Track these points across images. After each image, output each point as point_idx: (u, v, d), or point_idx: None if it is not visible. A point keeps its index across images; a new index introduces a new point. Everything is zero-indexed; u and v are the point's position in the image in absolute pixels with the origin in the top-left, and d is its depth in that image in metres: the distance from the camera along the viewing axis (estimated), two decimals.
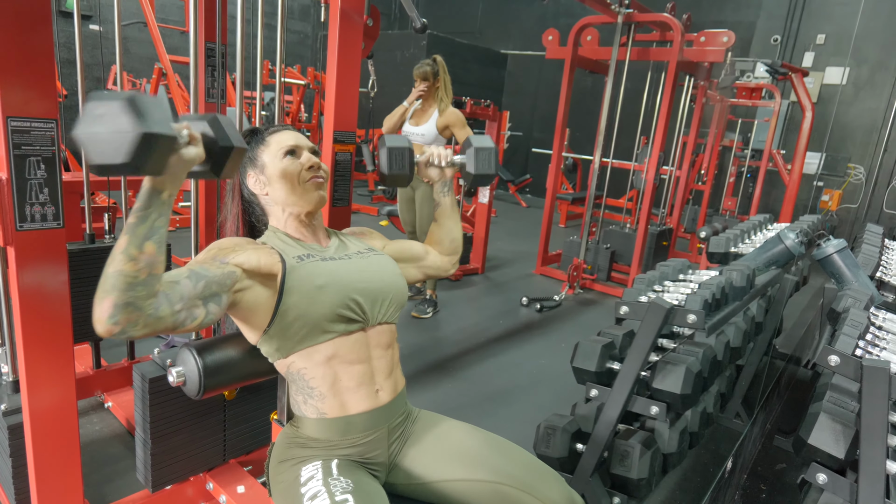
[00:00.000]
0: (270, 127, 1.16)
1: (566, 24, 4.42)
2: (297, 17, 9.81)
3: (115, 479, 1.71)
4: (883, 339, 1.38)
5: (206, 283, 0.91)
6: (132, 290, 0.77)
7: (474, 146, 1.24)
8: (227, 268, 0.95)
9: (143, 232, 0.79)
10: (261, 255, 1.01)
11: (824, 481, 1.22)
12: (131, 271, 0.77)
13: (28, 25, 1.07)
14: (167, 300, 0.83)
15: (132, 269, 0.77)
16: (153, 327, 0.81)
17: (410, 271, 1.28)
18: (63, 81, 6.18)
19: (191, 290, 0.88)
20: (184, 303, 0.86)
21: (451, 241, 1.32)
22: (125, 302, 0.77)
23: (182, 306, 0.86)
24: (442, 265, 1.32)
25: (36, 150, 1.12)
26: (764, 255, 2.19)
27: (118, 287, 0.76)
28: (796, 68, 5.04)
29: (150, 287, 0.80)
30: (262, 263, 1.00)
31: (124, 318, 0.77)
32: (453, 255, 1.33)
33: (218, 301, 0.92)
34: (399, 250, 1.27)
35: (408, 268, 1.27)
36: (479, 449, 1.09)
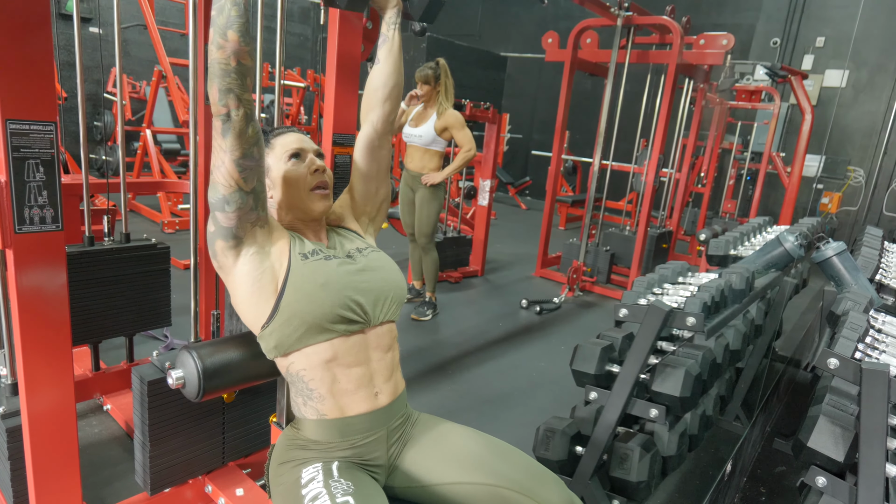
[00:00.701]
0: (275, 129, 1.16)
1: (566, 27, 4.42)
2: (296, 20, 9.82)
3: (113, 482, 1.71)
4: (882, 342, 1.38)
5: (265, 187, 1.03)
6: (228, 76, 0.91)
7: None
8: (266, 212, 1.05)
9: (223, 21, 0.89)
10: (281, 231, 1.08)
11: (823, 484, 1.22)
12: (222, 58, 0.90)
13: (27, 28, 1.07)
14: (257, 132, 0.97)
15: (223, 57, 0.90)
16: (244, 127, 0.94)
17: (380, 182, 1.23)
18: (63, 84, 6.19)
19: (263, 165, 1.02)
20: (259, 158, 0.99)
21: (396, 82, 1.19)
22: (226, 87, 0.91)
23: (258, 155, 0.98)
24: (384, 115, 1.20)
25: (35, 152, 1.12)
26: (763, 257, 2.19)
27: (217, 74, 0.91)
28: (796, 71, 5.05)
29: (243, 78, 0.92)
30: (280, 238, 1.06)
31: (232, 101, 0.92)
32: (392, 99, 1.20)
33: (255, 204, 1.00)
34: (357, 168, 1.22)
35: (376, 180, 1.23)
36: (478, 452, 1.09)
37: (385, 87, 1.20)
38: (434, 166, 3.28)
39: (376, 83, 1.20)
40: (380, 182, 1.25)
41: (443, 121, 3.15)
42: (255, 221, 1.01)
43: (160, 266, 1.98)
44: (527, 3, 9.09)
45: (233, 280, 1.03)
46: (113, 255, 1.84)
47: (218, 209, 0.98)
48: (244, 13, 0.91)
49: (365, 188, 1.24)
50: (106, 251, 1.83)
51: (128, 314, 1.94)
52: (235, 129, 0.93)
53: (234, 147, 0.95)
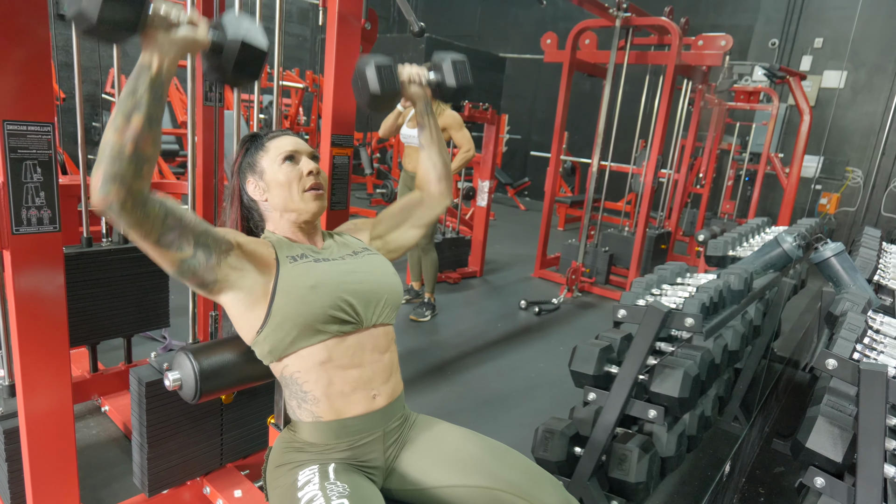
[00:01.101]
0: (270, 132, 1.16)
1: (564, 28, 4.43)
2: (295, 21, 9.82)
3: (111, 484, 1.71)
4: (880, 342, 1.38)
5: (205, 230, 0.95)
6: (118, 162, 0.80)
7: (449, 59, 1.22)
8: (227, 236, 1.00)
9: (131, 105, 0.81)
10: (258, 243, 1.05)
11: (822, 485, 1.22)
12: (118, 142, 0.80)
13: (24, 29, 1.07)
14: (161, 205, 0.87)
15: (118, 140, 0.80)
16: (139, 218, 0.84)
17: (410, 233, 1.29)
18: (61, 84, 6.19)
19: (190, 221, 0.92)
20: (178, 225, 0.90)
21: (443, 165, 1.29)
22: (112, 174, 0.79)
23: (174, 224, 0.89)
24: (437, 198, 1.30)
25: (32, 153, 1.12)
26: (762, 258, 2.19)
27: (105, 157, 0.80)
28: (794, 72, 5.06)
29: (138, 167, 0.81)
30: (258, 251, 1.03)
31: (113, 192, 0.80)
32: (443, 183, 1.30)
33: (207, 254, 0.95)
34: (395, 212, 1.28)
35: (407, 230, 1.28)
36: (476, 454, 1.08)
37: (436, 168, 1.29)
38: None
39: (426, 166, 1.29)
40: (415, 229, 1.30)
41: (441, 121, 3.15)
42: (218, 262, 0.97)
43: (158, 267, 1.97)
44: (525, 4, 9.10)
45: (224, 304, 1.04)
46: (111, 256, 1.84)
47: (178, 278, 0.97)
48: (160, 103, 0.83)
49: (397, 228, 1.28)
50: (104, 252, 1.83)
51: (126, 315, 1.94)
52: (132, 220, 0.84)
53: (144, 235, 0.87)
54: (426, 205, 1.30)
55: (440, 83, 1.23)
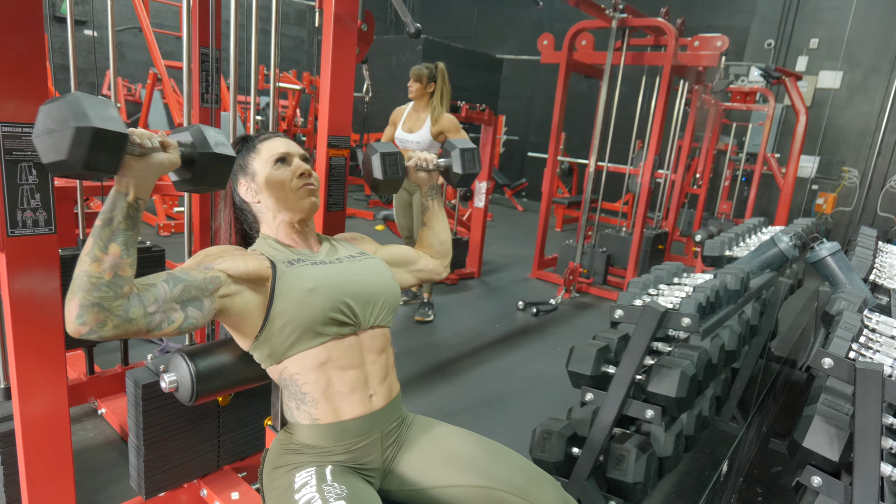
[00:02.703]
0: (261, 134, 1.16)
1: (561, 29, 4.43)
2: (292, 22, 9.82)
3: (108, 486, 1.70)
4: (876, 341, 1.38)
5: (184, 287, 0.91)
6: (97, 290, 0.79)
7: (458, 148, 1.29)
8: (210, 273, 0.96)
9: (108, 234, 0.81)
10: (249, 260, 1.01)
11: (819, 484, 1.22)
12: (95, 272, 0.79)
13: (19, 31, 1.07)
14: (139, 302, 0.84)
15: (96, 271, 0.79)
16: (124, 329, 0.82)
17: (404, 276, 1.29)
18: (57, 87, 6.17)
19: (167, 294, 0.89)
20: (158, 305, 0.87)
21: (441, 243, 1.35)
22: (91, 302, 0.78)
23: (156, 308, 0.87)
24: (434, 268, 1.34)
25: (27, 155, 1.12)
26: (758, 258, 2.20)
27: (83, 288, 0.78)
28: (790, 72, 5.07)
29: (117, 288, 0.81)
30: (250, 269, 1.00)
31: (91, 318, 0.78)
32: (444, 258, 1.36)
33: (199, 306, 0.93)
34: (391, 255, 1.28)
35: (400, 272, 1.28)
36: (474, 454, 1.08)
37: (441, 245, 1.35)
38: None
39: (430, 241, 1.35)
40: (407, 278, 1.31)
41: (438, 126, 3.14)
42: (212, 302, 0.95)
43: (155, 269, 1.97)
44: (522, 5, 9.12)
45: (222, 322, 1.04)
46: None
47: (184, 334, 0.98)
48: (136, 225, 0.84)
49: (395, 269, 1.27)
50: None
51: None
52: (117, 333, 0.82)
53: (133, 334, 0.85)
54: (424, 269, 1.33)
55: (448, 169, 1.31)
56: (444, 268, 1.36)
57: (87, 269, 0.79)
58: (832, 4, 6.40)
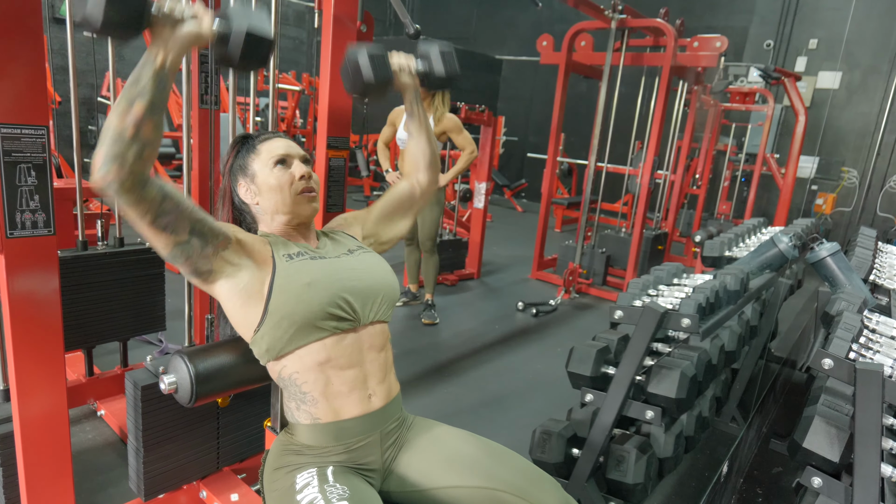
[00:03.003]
0: (262, 134, 1.15)
1: (560, 30, 4.44)
2: (291, 23, 9.82)
3: (107, 488, 1.70)
4: (876, 342, 1.38)
5: (202, 218, 0.95)
6: (119, 143, 0.82)
7: (437, 48, 1.22)
8: (225, 229, 1.01)
9: (133, 93, 0.83)
10: (254, 240, 1.05)
11: (819, 485, 1.22)
12: (119, 125, 0.82)
13: (18, 32, 1.07)
14: (160, 188, 0.88)
15: (119, 124, 0.82)
16: (138, 196, 0.86)
17: (402, 224, 1.30)
18: (57, 88, 6.16)
19: (187, 208, 0.93)
20: (175, 209, 0.91)
21: (431, 153, 1.29)
22: (113, 154, 0.82)
23: (171, 208, 0.90)
24: (424, 184, 1.30)
25: (26, 156, 1.12)
26: (758, 258, 2.20)
27: (107, 138, 0.82)
28: (789, 73, 5.07)
29: (138, 148, 0.83)
30: (255, 247, 1.03)
31: (113, 171, 0.82)
32: (433, 170, 1.31)
33: (203, 242, 0.96)
34: (387, 204, 1.28)
35: (399, 221, 1.29)
36: (474, 455, 1.08)
37: (425, 157, 1.29)
38: None
39: (416, 152, 1.29)
40: (406, 220, 1.31)
41: (441, 126, 3.14)
42: (213, 252, 0.98)
43: (154, 270, 1.97)
44: (521, 6, 9.12)
45: (219, 296, 1.04)
46: (107, 260, 1.83)
47: (171, 262, 0.98)
48: (164, 91, 0.85)
49: (387, 221, 1.28)
50: (99, 256, 1.82)
51: (122, 319, 1.93)
52: (130, 199, 0.86)
53: (141, 214, 0.88)
54: (415, 193, 1.30)
55: (428, 73, 1.23)
56: (435, 182, 1.32)
57: (113, 121, 0.83)
58: (831, 5, 6.41)
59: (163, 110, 0.86)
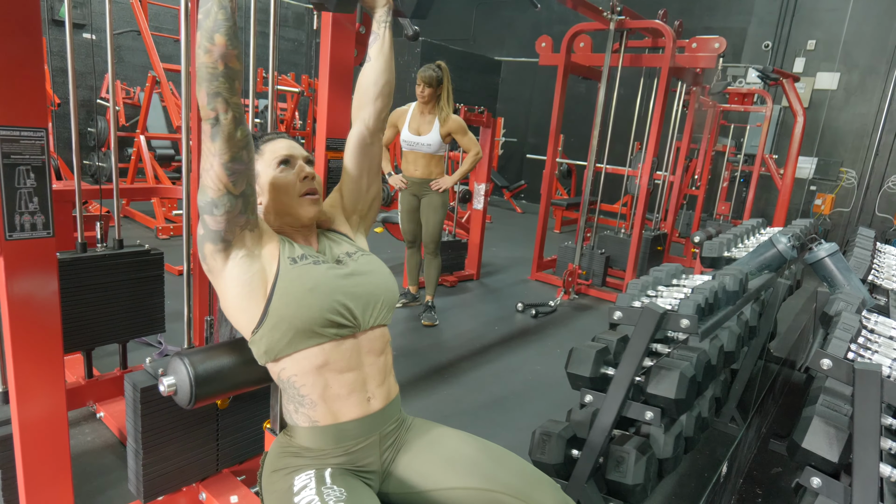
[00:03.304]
0: (265, 135, 1.15)
1: (559, 31, 4.44)
2: (291, 25, 9.83)
3: (106, 490, 1.70)
4: (875, 342, 1.38)
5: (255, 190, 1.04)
6: (215, 80, 0.91)
7: None
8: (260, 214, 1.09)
9: (210, 24, 0.89)
10: (272, 235, 1.08)
11: (819, 485, 1.22)
12: (209, 62, 0.90)
13: (16, 34, 1.07)
14: (247, 134, 0.98)
15: (210, 60, 0.90)
16: (233, 130, 0.94)
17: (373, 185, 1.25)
18: (56, 90, 6.17)
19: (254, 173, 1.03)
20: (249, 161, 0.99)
21: (386, 83, 1.20)
22: (214, 90, 0.91)
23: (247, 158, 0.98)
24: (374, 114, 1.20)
25: (25, 158, 1.12)
26: (757, 259, 2.20)
27: (204, 78, 0.91)
28: (787, 74, 5.08)
29: (231, 81, 0.92)
30: (271, 242, 1.06)
31: (219, 105, 0.92)
32: (380, 100, 1.20)
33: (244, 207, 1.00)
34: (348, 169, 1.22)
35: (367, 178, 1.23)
36: (473, 456, 1.08)
37: (377, 84, 1.20)
38: (440, 171, 3.29)
39: (368, 81, 1.20)
40: (371, 179, 1.25)
41: (447, 127, 3.14)
42: (244, 225, 1.00)
43: (154, 272, 1.97)
44: (520, 8, 9.14)
45: (222, 283, 1.03)
46: (106, 262, 1.83)
47: (207, 212, 0.98)
48: (231, 16, 0.91)
49: (356, 186, 1.24)
50: (99, 257, 1.82)
51: (121, 321, 1.93)
52: (224, 133, 0.93)
53: (223, 150, 0.94)
54: (365, 135, 1.20)
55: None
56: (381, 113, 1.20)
57: (203, 59, 0.90)
58: (829, 6, 6.42)
59: (237, 38, 0.92)
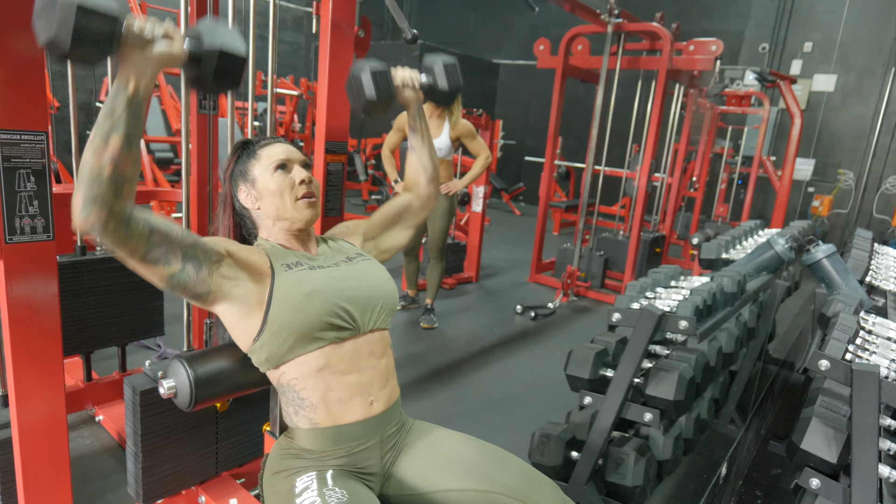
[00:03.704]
0: (262, 140, 1.15)
1: (557, 34, 4.46)
2: (289, 28, 9.85)
3: (105, 494, 1.69)
4: (872, 343, 1.39)
5: (193, 242, 0.93)
6: (97, 184, 0.78)
7: (441, 62, 1.23)
8: (217, 246, 0.99)
9: (108, 126, 0.79)
10: (250, 251, 1.04)
11: (818, 486, 1.23)
12: (95, 164, 0.78)
13: (17, 39, 1.07)
14: (146, 222, 0.85)
15: (96, 163, 0.78)
16: (122, 237, 0.83)
17: (400, 234, 1.30)
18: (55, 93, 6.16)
19: (177, 235, 0.91)
20: (164, 241, 0.88)
21: (433, 168, 1.29)
22: (92, 196, 0.78)
23: (160, 240, 0.88)
24: (425, 198, 1.30)
25: (25, 162, 1.12)
26: (754, 260, 2.21)
27: (84, 180, 0.78)
28: (784, 76, 5.10)
29: (117, 186, 0.80)
30: (251, 260, 1.02)
31: (94, 213, 0.79)
32: (433, 184, 1.30)
33: (197, 266, 0.94)
34: (383, 219, 1.29)
35: (398, 232, 1.30)
36: (473, 458, 1.08)
37: (426, 171, 1.28)
38: (448, 175, 3.27)
39: (416, 168, 1.28)
40: (406, 231, 1.31)
41: (457, 131, 3.14)
42: (209, 273, 0.96)
43: None
44: (518, 11, 9.16)
45: (219, 314, 1.04)
46: (105, 265, 1.83)
47: (170, 292, 0.96)
48: (138, 120, 0.81)
49: (388, 230, 1.29)
50: (98, 261, 1.82)
51: (120, 324, 1.93)
52: (116, 239, 0.83)
53: (129, 253, 0.86)
54: (415, 207, 1.30)
55: (432, 86, 1.23)
56: (434, 195, 1.31)
57: (89, 160, 0.79)
58: (825, 8, 6.44)
59: (139, 144, 0.82)
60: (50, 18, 0.72)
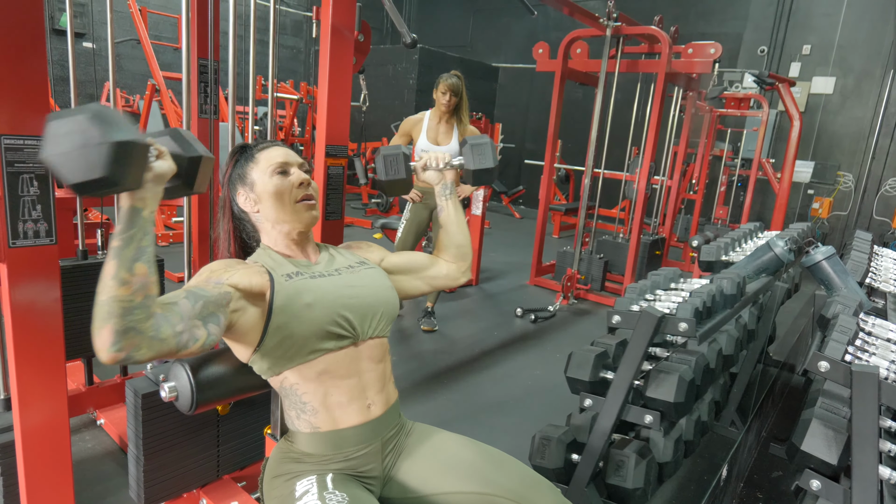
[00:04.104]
0: (260, 143, 1.15)
1: (556, 38, 4.47)
2: (289, 33, 9.88)
3: (107, 497, 1.69)
4: (872, 344, 1.39)
5: (204, 303, 0.90)
6: (130, 314, 0.76)
7: (470, 143, 1.25)
8: (222, 288, 0.95)
9: (131, 254, 0.78)
10: (251, 274, 1.01)
11: (818, 488, 1.23)
12: (125, 296, 0.76)
13: (21, 45, 1.08)
14: (167, 321, 0.82)
15: (126, 294, 0.76)
16: (157, 350, 0.80)
17: (416, 283, 1.26)
18: (57, 99, 6.19)
19: (190, 310, 0.87)
20: (184, 323, 0.85)
21: (458, 246, 1.27)
22: (125, 328, 0.75)
23: (183, 327, 0.85)
24: (449, 273, 1.27)
25: (29, 167, 1.13)
26: (754, 262, 2.21)
27: (115, 313, 0.75)
28: (783, 78, 5.11)
29: (147, 309, 0.79)
30: (253, 283, 1.00)
31: (127, 343, 0.76)
32: (462, 262, 1.28)
33: (217, 321, 0.92)
34: (402, 262, 1.26)
35: (413, 280, 1.25)
36: (473, 461, 1.09)
37: (458, 248, 1.28)
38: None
39: (447, 243, 1.28)
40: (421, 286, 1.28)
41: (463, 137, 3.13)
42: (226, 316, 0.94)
43: None
44: (517, 15, 9.19)
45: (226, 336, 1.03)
46: None
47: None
48: (153, 240, 0.81)
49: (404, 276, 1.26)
50: (99, 264, 1.80)
51: None
52: (150, 357, 0.80)
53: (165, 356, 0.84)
54: (441, 277, 1.27)
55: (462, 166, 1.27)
56: (462, 273, 1.28)
57: (116, 293, 0.75)
58: (824, 11, 6.46)
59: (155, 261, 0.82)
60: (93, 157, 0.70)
